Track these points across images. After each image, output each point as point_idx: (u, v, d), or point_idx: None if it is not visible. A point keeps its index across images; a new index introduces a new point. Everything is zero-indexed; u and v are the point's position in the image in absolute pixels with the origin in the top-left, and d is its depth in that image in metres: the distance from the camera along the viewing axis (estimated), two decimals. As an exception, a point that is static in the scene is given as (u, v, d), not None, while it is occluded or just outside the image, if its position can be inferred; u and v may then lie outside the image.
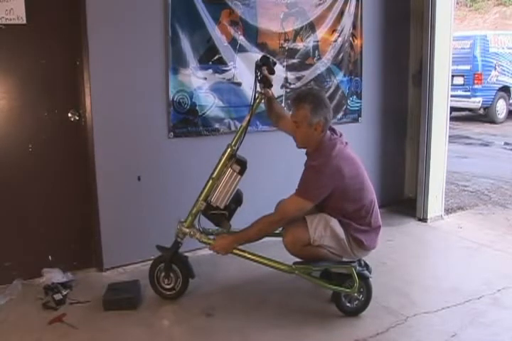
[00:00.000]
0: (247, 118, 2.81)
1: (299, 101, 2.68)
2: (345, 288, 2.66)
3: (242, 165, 2.77)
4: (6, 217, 3.05)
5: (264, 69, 2.77)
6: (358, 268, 2.68)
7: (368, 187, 2.76)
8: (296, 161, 3.77)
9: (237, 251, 2.81)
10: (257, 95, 2.83)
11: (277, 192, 2.91)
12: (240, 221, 2.93)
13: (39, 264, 3.10)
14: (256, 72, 2.80)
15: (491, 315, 2.72)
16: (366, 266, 2.87)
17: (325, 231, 2.64)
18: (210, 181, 2.80)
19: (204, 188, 2.81)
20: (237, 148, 2.80)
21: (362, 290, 2.69)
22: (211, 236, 2.88)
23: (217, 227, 2.91)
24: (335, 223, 2.67)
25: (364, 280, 2.68)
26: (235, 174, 2.75)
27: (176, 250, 2.85)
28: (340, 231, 2.66)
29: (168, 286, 2.90)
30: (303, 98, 2.67)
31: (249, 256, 2.79)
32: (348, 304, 2.72)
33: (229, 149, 2.78)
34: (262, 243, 3.49)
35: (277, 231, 3.03)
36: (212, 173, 2.80)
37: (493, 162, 7.10)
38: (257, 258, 2.79)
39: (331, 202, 2.65)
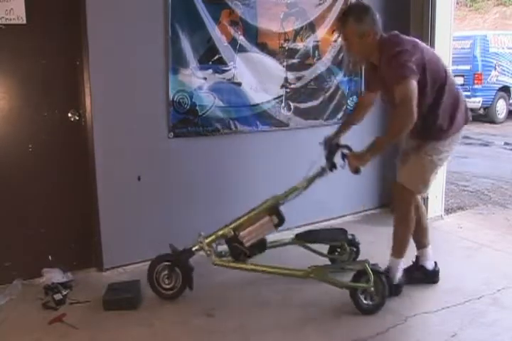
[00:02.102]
0: (304, 184, 2.86)
1: (340, 18, 2.71)
2: (361, 284, 2.69)
3: (281, 220, 2.82)
4: (6, 217, 3.05)
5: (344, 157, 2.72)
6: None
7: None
8: (296, 161, 3.79)
9: (248, 266, 2.85)
10: (321, 170, 2.85)
11: (277, 191, 2.90)
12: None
13: (39, 264, 3.10)
14: (331, 151, 2.83)
15: (491, 315, 2.72)
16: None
17: (417, 177, 2.75)
18: (250, 215, 2.84)
19: (240, 218, 2.85)
20: (283, 203, 2.87)
21: (378, 286, 2.71)
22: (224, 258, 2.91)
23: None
24: (417, 162, 2.75)
25: (378, 275, 2.71)
26: (271, 224, 2.81)
27: (187, 258, 2.86)
28: (422, 163, 2.74)
29: (167, 286, 2.90)
30: (343, 14, 2.71)
31: (264, 269, 2.84)
32: (366, 301, 2.73)
33: (279, 201, 2.85)
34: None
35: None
36: (255, 209, 2.84)
37: (493, 162, 7.10)
38: (271, 270, 2.84)
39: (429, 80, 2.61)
